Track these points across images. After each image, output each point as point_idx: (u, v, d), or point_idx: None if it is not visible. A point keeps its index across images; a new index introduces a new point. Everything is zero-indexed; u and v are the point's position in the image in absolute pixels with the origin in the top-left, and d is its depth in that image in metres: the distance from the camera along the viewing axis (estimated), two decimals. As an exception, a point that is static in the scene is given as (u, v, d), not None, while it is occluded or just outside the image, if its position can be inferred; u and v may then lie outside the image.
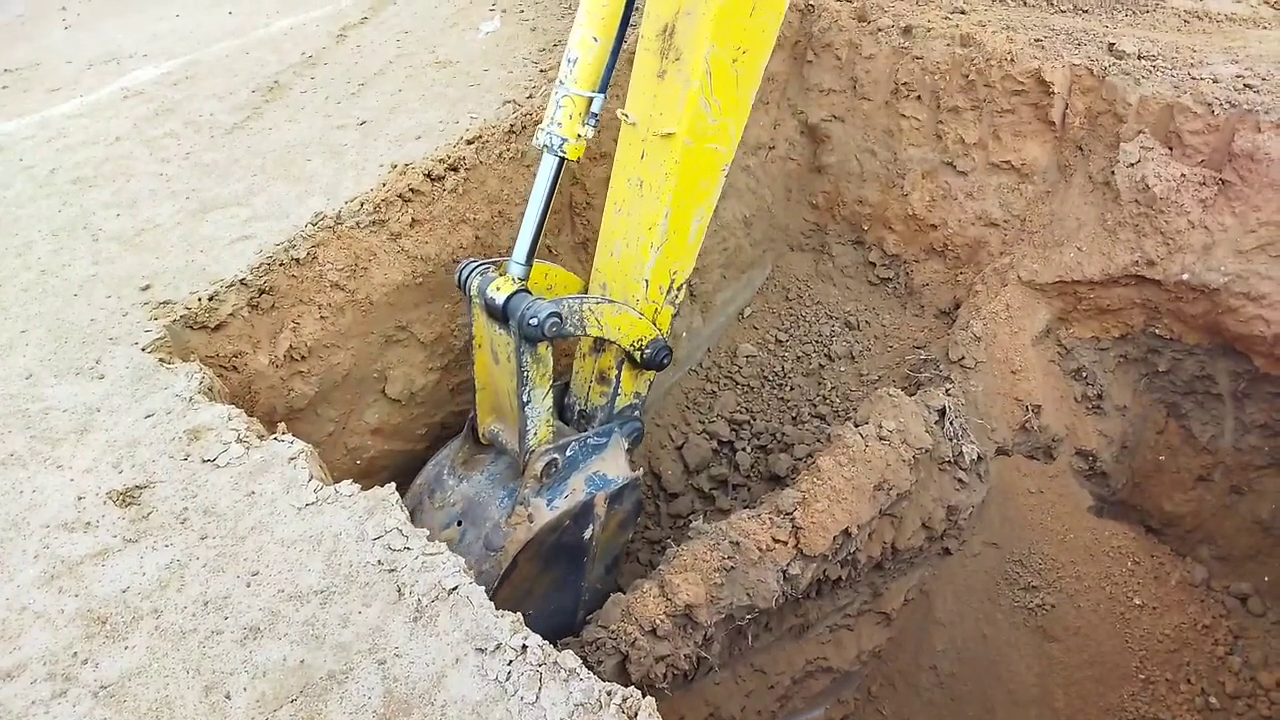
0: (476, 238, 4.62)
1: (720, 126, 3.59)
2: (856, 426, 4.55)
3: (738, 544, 4.05)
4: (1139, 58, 4.77)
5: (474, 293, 3.64)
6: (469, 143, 4.65)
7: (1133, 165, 4.61)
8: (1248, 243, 4.47)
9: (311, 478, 2.88)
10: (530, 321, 3.42)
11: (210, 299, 3.74)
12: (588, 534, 4.06)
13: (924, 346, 5.58)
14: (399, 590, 2.56)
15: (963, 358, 5.00)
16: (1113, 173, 4.69)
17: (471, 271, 3.70)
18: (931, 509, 4.67)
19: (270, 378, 3.94)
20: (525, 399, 3.65)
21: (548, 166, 3.60)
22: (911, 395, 4.77)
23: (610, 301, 3.82)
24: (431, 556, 2.64)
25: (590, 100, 3.52)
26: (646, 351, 4.02)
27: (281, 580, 2.62)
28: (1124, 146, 4.66)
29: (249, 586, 2.61)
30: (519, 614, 2.49)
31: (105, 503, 2.88)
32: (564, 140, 3.51)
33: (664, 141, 3.54)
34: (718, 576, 3.95)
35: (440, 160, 4.49)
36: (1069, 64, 4.81)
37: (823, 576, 4.36)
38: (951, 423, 4.69)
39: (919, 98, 5.32)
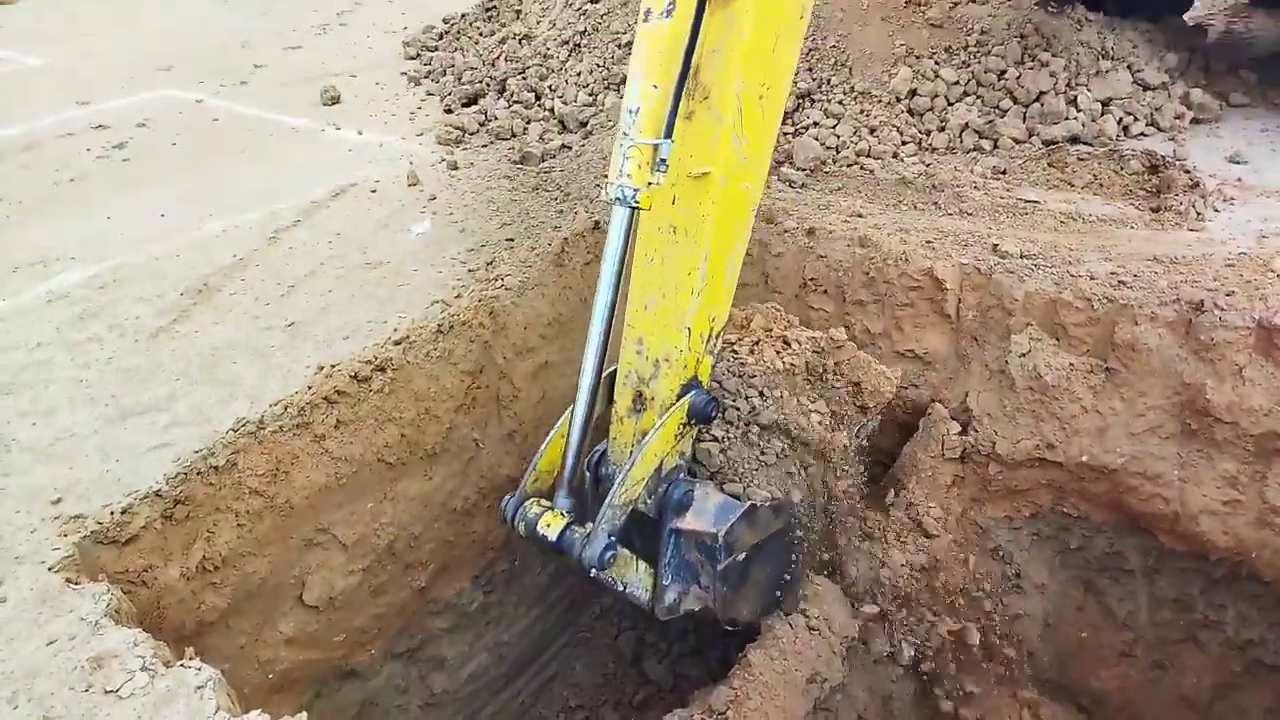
0: (402, 435, 4.65)
1: (750, 164, 3.69)
2: (785, 616, 4.55)
3: (669, 749, 3.93)
4: (1021, 257, 5.19)
5: (524, 534, 3.81)
6: (396, 343, 4.74)
7: (1024, 355, 4.94)
8: (1138, 426, 4.77)
9: (219, 709, 2.76)
10: (591, 568, 3.54)
11: (123, 512, 3.65)
12: (743, 557, 4.12)
13: (848, 529, 5.67)
14: (307, 831, 2.42)
15: (884, 541, 5.10)
16: (1007, 362, 5.01)
17: (515, 513, 3.83)
18: (866, 700, 4.63)
19: (180, 591, 3.81)
20: (621, 586, 3.95)
21: (619, 220, 3.41)
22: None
23: (635, 462, 3.74)
24: (344, 791, 2.52)
25: (656, 147, 3.30)
26: (693, 420, 3.99)
27: (180, 826, 2.46)
28: (1014, 338, 5.00)
29: (144, 835, 2.44)
30: None
31: (-8, 743, 2.71)
32: (636, 190, 3.28)
33: (698, 183, 3.56)
34: (650, 786, 3.81)
35: (367, 361, 4.56)
36: (958, 263, 5.21)
37: (758, 778, 4.23)
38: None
39: (826, 291, 5.67)
